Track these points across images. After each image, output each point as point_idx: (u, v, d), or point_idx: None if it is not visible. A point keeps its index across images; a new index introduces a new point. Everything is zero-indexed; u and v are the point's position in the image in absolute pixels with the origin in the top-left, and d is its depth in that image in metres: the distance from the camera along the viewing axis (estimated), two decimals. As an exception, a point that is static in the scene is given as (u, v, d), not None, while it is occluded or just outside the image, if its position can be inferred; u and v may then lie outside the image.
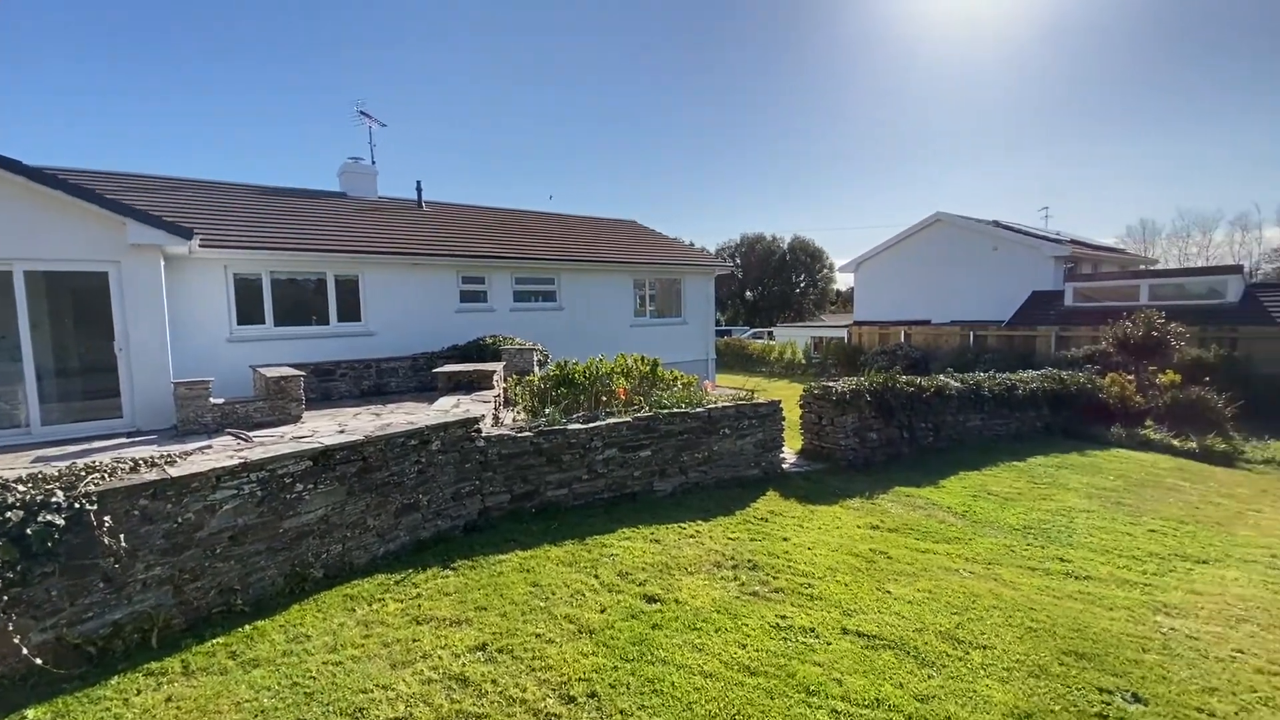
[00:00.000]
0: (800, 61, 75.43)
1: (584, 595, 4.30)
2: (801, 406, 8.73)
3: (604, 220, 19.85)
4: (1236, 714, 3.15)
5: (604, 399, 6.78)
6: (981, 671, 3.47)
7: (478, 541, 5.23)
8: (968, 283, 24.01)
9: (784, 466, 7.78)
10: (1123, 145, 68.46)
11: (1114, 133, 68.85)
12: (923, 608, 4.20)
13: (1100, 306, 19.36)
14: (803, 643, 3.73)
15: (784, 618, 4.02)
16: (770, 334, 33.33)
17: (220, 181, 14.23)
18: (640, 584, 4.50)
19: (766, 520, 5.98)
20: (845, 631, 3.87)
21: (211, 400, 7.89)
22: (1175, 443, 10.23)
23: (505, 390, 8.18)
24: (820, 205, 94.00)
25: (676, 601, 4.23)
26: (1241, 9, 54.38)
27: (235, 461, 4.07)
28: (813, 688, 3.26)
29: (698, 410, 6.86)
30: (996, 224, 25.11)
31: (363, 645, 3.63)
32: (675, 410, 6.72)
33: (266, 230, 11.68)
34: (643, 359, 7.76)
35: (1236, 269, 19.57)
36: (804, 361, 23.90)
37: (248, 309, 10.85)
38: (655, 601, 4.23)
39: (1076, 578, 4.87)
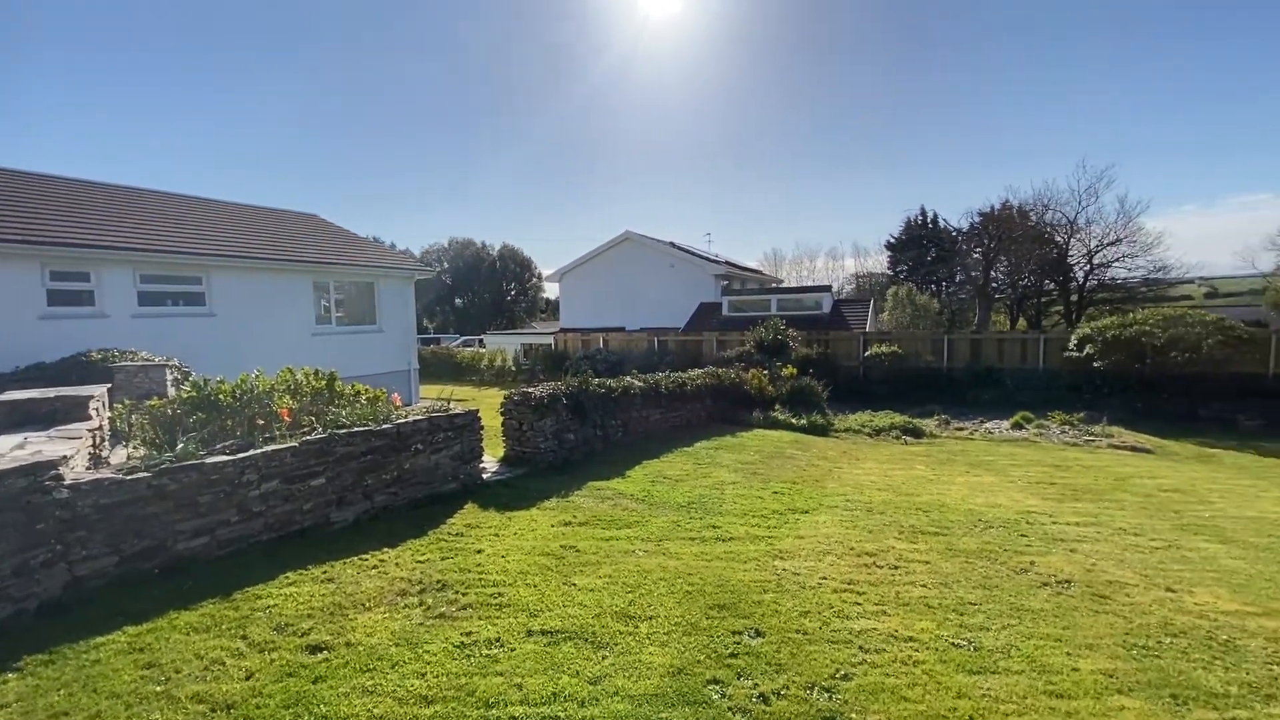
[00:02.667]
0: (510, 68, 76.52)
1: (224, 664, 3.53)
2: (502, 413, 8.74)
3: (276, 212, 17.10)
4: (820, 628, 4.09)
5: (262, 422, 5.74)
6: (647, 640, 3.86)
7: (62, 625, 3.91)
8: (653, 294, 27.26)
9: (485, 476, 7.67)
10: (761, 191, 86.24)
11: (756, 179, 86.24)
12: (602, 593, 4.51)
13: (747, 316, 23.87)
14: (487, 655, 3.66)
15: (469, 634, 3.89)
16: (481, 341, 32.92)
17: None
18: (304, 634, 3.89)
19: (462, 535, 5.78)
20: (530, 633, 3.92)
21: None
22: (793, 421, 13.11)
23: (112, 420, 6.33)
24: (529, 215, 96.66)
25: (348, 645, 3.76)
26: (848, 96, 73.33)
27: None
28: (492, 700, 3.21)
29: (385, 427, 6.29)
30: (673, 245, 29.03)
31: None
32: (356, 429, 6.05)
33: None
34: (316, 373, 6.82)
35: (827, 288, 26.17)
36: (515, 368, 24.15)
37: None
38: (321, 650, 3.70)
39: (723, 540, 5.82)
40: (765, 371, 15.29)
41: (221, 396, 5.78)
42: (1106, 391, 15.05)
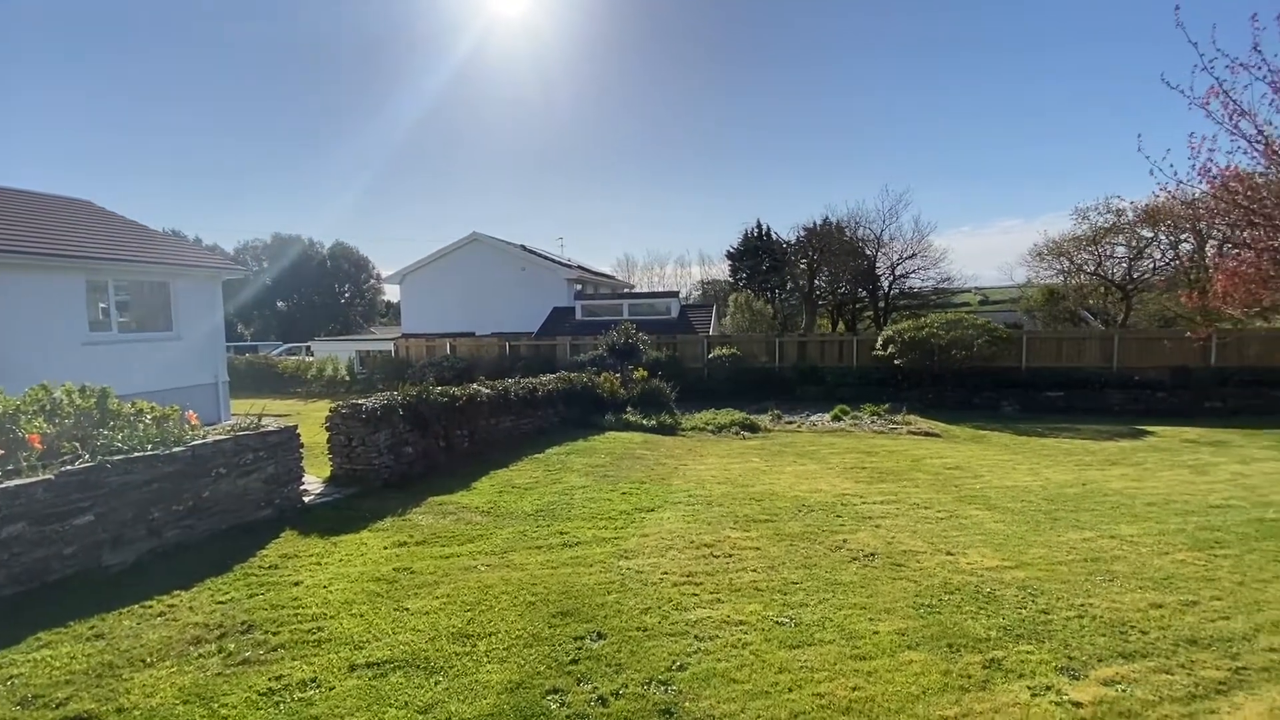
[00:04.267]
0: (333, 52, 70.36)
1: (-67, 760, 2.81)
2: (328, 428, 7.97)
3: (36, 196, 14.12)
4: (659, 623, 4.22)
5: (2, 452, 4.67)
6: (485, 659, 3.71)
7: None
8: (504, 298, 26.59)
9: (307, 499, 6.94)
10: (615, 198, 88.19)
11: (610, 187, 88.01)
12: (438, 615, 4.27)
13: (600, 320, 24.16)
14: (300, 699, 3.28)
15: (280, 678, 3.47)
16: (308, 349, 29.87)
17: None
18: (59, 705, 3.22)
19: (276, 567, 5.16)
20: (354, 668, 3.59)
21: None
22: (644, 422, 13.46)
23: None
24: (369, 213, 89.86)
25: (120, 711, 3.18)
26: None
27: None
28: (304, 749, 2.88)
29: (176, 450, 5.44)
30: (524, 248, 28.57)
31: None
32: (137, 454, 5.16)
33: None
34: (83, 389, 5.70)
35: (675, 294, 27.36)
36: (349, 378, 22.19)
37: None
38: (81, 723, 3.08)
39: (570, 546, 5.79)
40: (617, 375, 15.55)
41: (-62, 423, 4.60)
42: (906, 385, 17.35)
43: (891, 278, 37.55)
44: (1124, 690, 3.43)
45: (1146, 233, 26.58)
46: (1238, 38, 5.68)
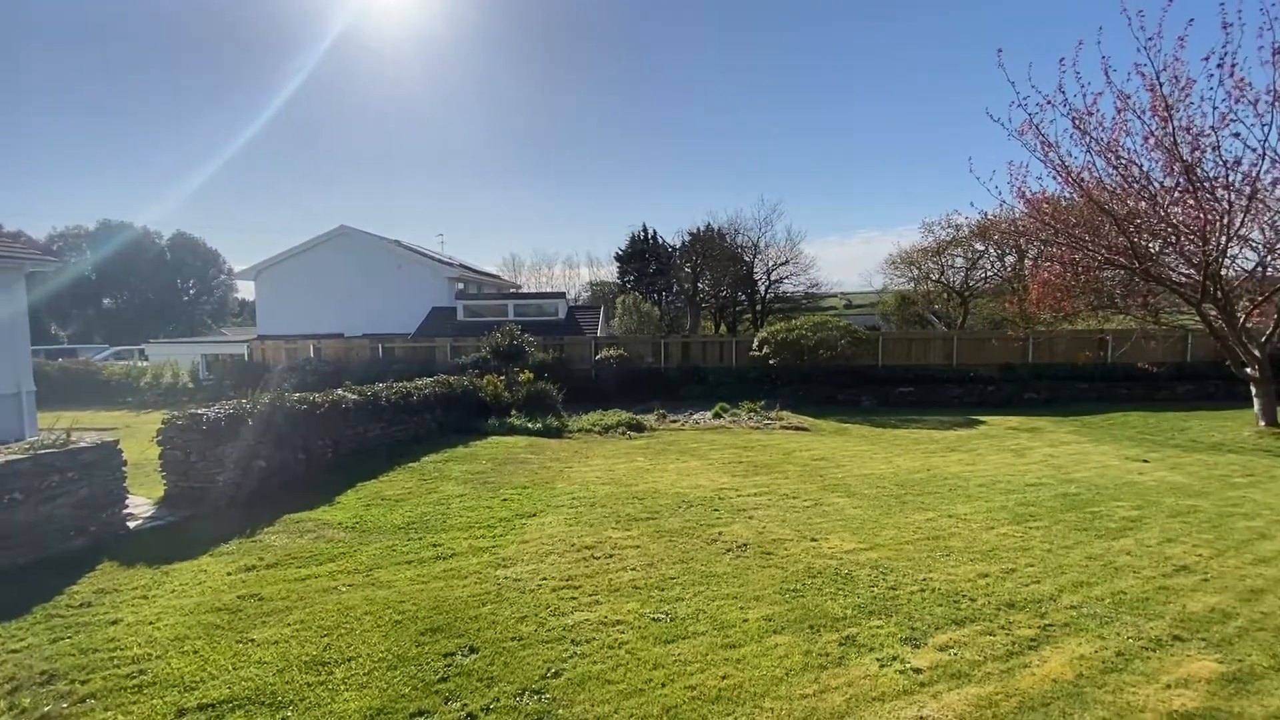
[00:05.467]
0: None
1: None
2: (160, 442, 7.04)
3: None
4: (535, 630, 4.12)
5: None
6: (342, 687, 3.43)
7: None
8: (377, 297, 25.01)
9: (131, 525, 6.07)
10: (504, 198, 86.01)
11: (497, 186, 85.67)
12: (289, 644, 3.89)
13: (483, 321, 23.41)
14: (111, 758, 2.85)
15: (85, 735, 2.99)
16: (142, 353, 26.31)
17: None
18: None
19: (89, 605, 4.46)
20: (183, 713, 3.17)
21: None
22: (529, 425, 13.19)
23: None
24: (225, 204, 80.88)
25: None
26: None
27: None
28: (112, 816, 2.50)
29: (-50, 474, 4.53)
30: (399, 244, 27.05)
31: None
32: (-108, 481, 4.23)
33: None
34: None
35: (563, 295, 27.17)
36: (193, 385, 19.81)
37: None
38: None
39: (444, 558, 5.52)
40: (502, 377, 15.13)
41: None
42: (780, 383, 18.42)
43: (767, 282, 39.86)
44: (956, 654, 3.83)
45: (979, 246, 30.26)
46: (1052, 76, 6.54)
